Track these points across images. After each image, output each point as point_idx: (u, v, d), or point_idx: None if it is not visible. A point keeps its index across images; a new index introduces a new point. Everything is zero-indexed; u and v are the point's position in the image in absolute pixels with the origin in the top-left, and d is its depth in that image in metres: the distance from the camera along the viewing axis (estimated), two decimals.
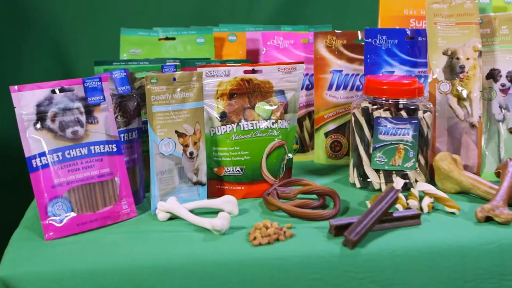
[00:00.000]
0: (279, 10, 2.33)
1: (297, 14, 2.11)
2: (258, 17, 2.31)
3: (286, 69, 1.16)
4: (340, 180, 1.25)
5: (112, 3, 2.11)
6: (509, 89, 1.25)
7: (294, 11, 2.13)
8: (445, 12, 1.24)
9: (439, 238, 0.99)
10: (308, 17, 2.09)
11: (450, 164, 1.17)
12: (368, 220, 0.98)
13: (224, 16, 2.31)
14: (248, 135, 1.14)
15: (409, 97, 1.16)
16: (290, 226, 1.02)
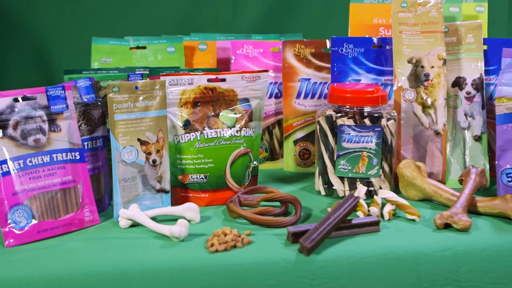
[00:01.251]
0: (262, 19, 2.35)
1: (280, 23, 2.13)
2: (242, 26, 2.33)
3: (250, 78, 1.17)
4: (306, 188, 1.26)
5: (99, 13, 2.13)
6: (474, 97, 1.26)
7: (277, 20, 2.14)
8: (410, 21, 1.26)
9: (396, 244, 1.00)
10: (291, 26, 2.10)
11: (414, 171, 1.18)
12: (324, 227, 0.99)
13: (207, 25, 2.33)
14: (212, 143, 1.15)
15: (372, 105, 1.17)
16: (249, 233, 1.03)
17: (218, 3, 2.30)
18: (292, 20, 2.14)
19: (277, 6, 2.19)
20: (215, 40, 1.40)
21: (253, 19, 2.34)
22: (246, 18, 2.32)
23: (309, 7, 2.13)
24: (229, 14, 2.35)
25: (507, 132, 1.18)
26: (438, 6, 1.25)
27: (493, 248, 1.01)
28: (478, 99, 1.26)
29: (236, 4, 2.33)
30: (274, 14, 2.19)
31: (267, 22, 2.19)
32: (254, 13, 2.33)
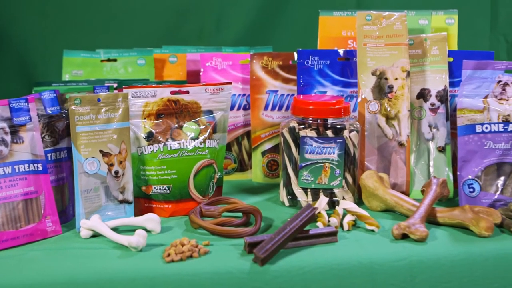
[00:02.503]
0: (246, 32, 2.37)
1: (264, 36, 2.15)
2: (226, 38, 2.35)
3: (214, 90, 1.19)
4: (272, 199, 1.27)
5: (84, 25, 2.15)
6: (438, 109, 1.27)
7: (261, 33, 2.16)
8: (375, 33, 1.27)
9: (352, 255, 1.01)
10: (274, 39, 2.12)
11: (376, 182, 1.19)
12: (279, 237, 1.00)
13: (191, 38, 2.35)
14: (175, 155, 1.16)
15: (334, 116, 1.18)
16: (207, 243, 1.04)
17: (203, 15, 2.32)
18: (276, 33, 2.16)
19: (261, 18, 2.21)
20: (185, 52, 1.41)
21: (238, 31, 2.36)
22: (231, 30, 2.34)
23: (294, 20, 2.15)
24: (213, 26, 2.37)
25: (468, 143, 1.19)
26: (403, 19, 1.27)
27: (448, 258, 1.02)
28: (443, 110, 1.27)
29: (221, 17, 2.35)
30: (259, 27, 2.21)
31: (252, 35, 2.21)
32: (238, 26, 2.35)
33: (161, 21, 2.30)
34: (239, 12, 2.37)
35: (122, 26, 2.27)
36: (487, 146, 1.19)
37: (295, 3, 2.29)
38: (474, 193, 1.18)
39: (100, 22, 2.24)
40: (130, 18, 2.27)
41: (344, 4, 2.24)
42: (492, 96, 1.20)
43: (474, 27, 2.18)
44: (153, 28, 2.30)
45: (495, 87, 1.20)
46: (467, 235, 1.09)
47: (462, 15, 2.22)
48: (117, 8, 2.25)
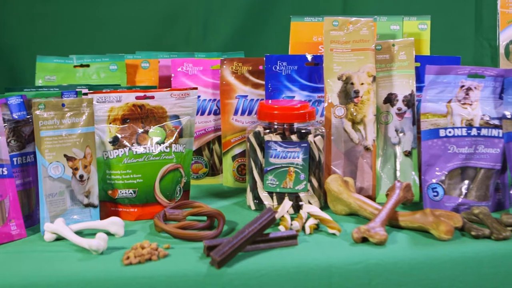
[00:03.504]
0: (233, 38, 2.39)
1: (250, 41, 2.16)
2: (213, 44, 2.37)
3: (179, 95, 1.20)
4: (239, 203, 1.28)
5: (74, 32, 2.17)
6: (405, 113, 1.28)
7: (248, 38, 2.18)
8: (341, 39, 1.28)
9: (310, 258, 1.02)
10: (261, 44, 2.14)
11: (340, 186, 1.20)
12: (237, 240, 1.01)
13: (179, 43, 2.37)
14: (140, 159, 1.17)
15: (299, 121, 1.19)
16: (168, 246, 1.05)
17: (189, 21, 2.34)
18: (263, 38, 2.18)
19: (248, 23, 2.22)
20: (158, 58, 1.43)
21: (224, 37, 2.38)
22: (217, 36, 2.36)
23: (281, 25, 2.15)
24: (200, 32, 2.39)
25: (432, 147, 1.20)
26: (369, 25, 1.28)
27: (405, 261, 1.03)
28: (409, 115, 1.28)
29: (207, 22, 2.37)
30: (246, 32, 2.22)
31: (239, 40, 2.22)
32: (225, 31, 2.36)
33: (149, 27, 2.32)
34: (226, 18, 2.38)
35: (111, 33, 2.29)
36: (450, 150, 1.20)
37: (282, 9, 2.30)
38: (438, 197, 1.19)
39: (89, 29, 2.26)
40: (118, 24, 2.29)
41: (330, 10, 2.26)
42: (455, 101, 1.21)
43: (459, 32, 2.19)
44: (140, 34, 2.32)
45: (459, 91, 1.21)
46: (427, 239, 1.09)
47: (447, 20, 2.24)
48: (105, 14, 2.27)
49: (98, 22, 2.26)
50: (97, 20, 2.26)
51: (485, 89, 1.21)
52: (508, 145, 1.19)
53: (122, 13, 2.28)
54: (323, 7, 2.42)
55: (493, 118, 1.21)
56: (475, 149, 1.20)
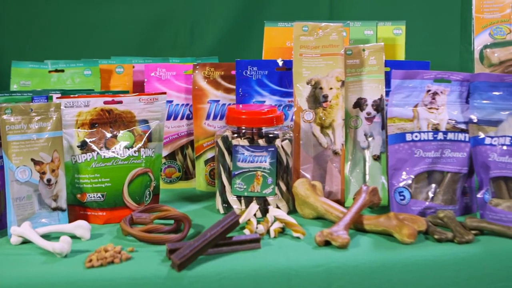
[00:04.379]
0: (221, 43, 2.40)
1: (237, 46, 2.18)
2: (200, 49, 2.38)
3: (148, 100, 1.21)
4: (209, 207, 1.29)
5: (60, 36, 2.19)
6: (374, 118, 1.29)
7: (235, 43, 2.19)
8: (311, 44, 1.29)
9: (271, 261, 1.03)
10: (249, 49, 2.15)
11: (307, 190, 1.21)
12: (198, 243, 1.02)
13: (166, 48, 2.38)
14: (109, 163, 1.18)
15: (266, 125, 1.20)
16: (132, 249, 1.06)
17: (177, 26, 2.35)
18: (251, 43, 2.19)
19: (235, 29, 2.24)
20: (132, 63, 1.44)
21: (211, 42, 2.39)
22: (204, 41, 2.37)
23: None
24: (187, 37, 2.40)
25: (398, 151, 1.21)
26: (339, 30, 1.29)
27: (366, 264, 1.03)
28: (378, 119, 1.29)
29: (194, 28, 2.38)
30: (233, 37, 2.24)
31: (226, 45, 2.24)
32: (212, 36, 2.38)
33: (136, 32, 2.34)
34: (213, 23, 2.39)
35: (100, 38, 2.31)
36: (417, 155, 1.21)
37: (269, 14, 2.31)
38: (405, 201, 1.20)
39: (79, 33, 2.28)
40: (106, 29, 2.31)
41: (317, 15, 2.28)
42: (422, 105, 1.22)
43: (445, 37, 2.20)
44: (127, 39, 2.34)
45: (425, 96, 1.22)
46: (391, 242, 1.10)
47: (434, 24, 2.25)
48: (93, 20, 2.28)
49: (86, 28, 2.27)
50: (84, 26, 2.28)
51: (451, 93, 1.22)
52: (475, 149, 1.20)
53: (109, 18, 2.29)
54: (310, 13, 2.43)
55: (459, 122, 1.22)
56: (442, 153, 1.21)
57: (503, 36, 1.55)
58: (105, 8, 2.30)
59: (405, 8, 2.38)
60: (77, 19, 2.25)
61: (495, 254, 1.08)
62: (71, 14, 2.25)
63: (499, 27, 1.55)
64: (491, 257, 1.07)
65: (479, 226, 1.13)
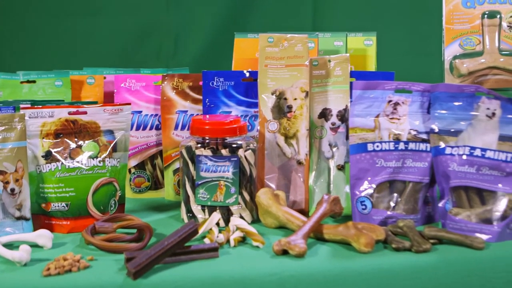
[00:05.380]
0: (204, 54, 2.42)
1: (221, 57, 2.19)
2: (184, 60, 2.40)
3: (113, 110, 1.23)
4: (175, 216, 1.30)
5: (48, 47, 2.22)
6: (339, 128, 1.30)
7: (219, 54, 2.21)
8: (276, 55, 1.31)
9: (227, 270, 1.04)
10: (232, 60, 2.17)
11: (270, 199, 1.22)
12: (154, 252, 1.03)
13: (150, 59, 2.40)
14: (73, 173, 1.20)
15: (230, 135, 1.22)
16: (91, 258, 1.08)
17: (160, 37, 2.37)
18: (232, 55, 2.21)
19: (219, 40, 2.26)
20: (103, 74, 1.46)
21: (195, 53, 2.41)
22: (188, 52, 2.39)
23: None
24: (171, 48, 2.42)
25: (360, 161, 1.22)
26: (304, 41, 1.30)
27: (321, 273, 1.05)
28: (343, 129, 1.30)
29: (178, 38, 2.40)
30: (217, 47, 2.26)
31: (210, 55, 2.26)
32: (196, 47, 2.40)
33: (120, 43, 2.36)
34: (197, 34, 2.42)
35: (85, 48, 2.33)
36: (378, 164, 1.22)
37: (253, 25, 2.34)
38: (366, 210, 1.21)
39: (62, 44, 2.30)
40: (89, 40, 2.33)
41: (300, 27, 2.30)
42: (383, 116, 1.23)
43: (428, 47, 2.22)
44: (111, 50, 2.36)
45: (386, 106, 1.23)
46: (349, 251, 1.11)
47: (416, 35, 2.27)
48: (78, 31, 2.31)
49: (70, 39, 2.30)
50: (69, 37, 2.30)
51: (412, 104, 1.23)
52: (436, 159, 1.21)
53: (93, 29, 2.32)
54: (293, 24, 2.46)
55: (421, 132, 1.23)
56: (403, 163, 1.22)
57: (473, 46, 1.57)
58: (90, 20, 2.32)
59: (389, 19, 2.40)
60: (61, 30, 2.28)
61: (452, 262, 1.09)
62: (56, 26, 2.28)
63: (469, 38, 1.57)
64: (447, 266, 1.08)
65: (437, 235, 1.14)
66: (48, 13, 2.26)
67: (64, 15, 2.29)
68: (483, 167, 1.17)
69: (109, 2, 2.34)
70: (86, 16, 2.31)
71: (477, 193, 1.19)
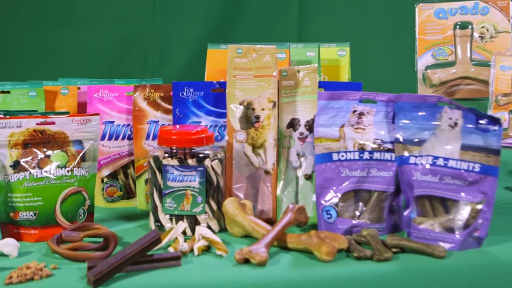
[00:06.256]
0: (190, 64, 2.44)
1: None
2: (169, 71, 2.42)
3: (81, 121, 1.25)
4: (144, 225, 1.32)
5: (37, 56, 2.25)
6: (306, 138, 1.31)
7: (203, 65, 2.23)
8: (245, 66, 1.32)
9: (188, 279, 1.05)
10: None
11: (236, 209, 1.23)
12: (115, 260, 1.05)
13: (135, 70, 2.42)
14: (41, 182, 1.21)
15: (196, 145, 1.23)
16: (55, 267, 1.09)
17: (146, 48, 2.40)
18: None
19: (204, 51, 2.28)
20: (77, 84, 1.48)
21: (181, 64, 2.43)
22: (174, 63, 2.42)
23: None
24: (156, 59, 2.45)
25: (325, 171, 1.23)
26: (273, 52, 1.32)
27: (281, 281, 1.06)
28: (311, 139, 1.31)
29: (164, 50, 2.43)
30: (202, 59, 2.28)
31: (195, 67, 2.28)
32: (181, 58, 2.42)
33: (105, 54, 2.39)
34: (183, 45, 2.44)
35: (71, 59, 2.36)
36: (343, 174, 1.23)
37: (238, 37, 2.36)
38: (332, 219, 1.22)
39: (47, 55, 2.33)
40: (76, 51, 2.36)
41: (285, 38, 2.32)
42: (348, 125, 1.24)
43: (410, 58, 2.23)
44: (97, 61, 2.39)
45: (351, 116, 1.24)
46: (311, 260, 1.12)
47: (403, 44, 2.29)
48: (63, 41, 2.34)
49: (55, 49, 2.33)
50: (55, 46, 2.33)
51: (377, 113, 1.25)
52: (400, 168, 1.23)
53: (80, 39, 2.35)
54: (278, 35, 2.48)
55: (386, 142, 1.24)
56: (368, 172, 1.23)
57: (445, 57, 1.59)
58: (76, 30, 2.35)
59: (372, 30, 2.43)
60: (46, 41, 2.31)
61: (412, 271, 1.10)
62: (42, 37, 2.30)
63: (442, 48, 1.59)
64: (408, 274, 1.09)
65: (399, 244, 1.15)
66: (33, 24, 2.28)
67: (49, 26, 2.32)
68: (445, 177, 1.18)
69: (95, 13, 2.37)
70: (73, 26, 2.34)
71: (441, 202, 1.20)
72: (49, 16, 2.32)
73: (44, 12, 2.32)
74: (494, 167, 1.16)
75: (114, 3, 2.38)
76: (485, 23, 1.55)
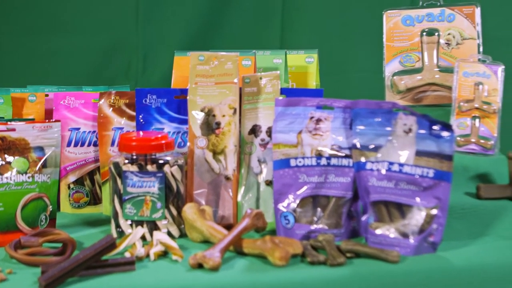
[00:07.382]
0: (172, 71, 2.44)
1: None
2: (153, 77, 2.43)
3: (42, 127, 1.26)
4: (107, 231, 1.32)
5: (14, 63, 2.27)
6: (267, 144, 1.33)
7: None
8: (207, 73, 1.33)
9: (140, 283, 1.07)
10: None
11: (195, 214, 1.24)
12: (68, 264, 1.06)
13: (118, 77, 2.43)
14: (1, 188, 1.23)
15: (156, 151, 1.25)
16: (10, 271, 1.10)
17: (129, 54, 2.41)
18: None
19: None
20: (44, 92, 1.49)
21: (165, 70, 2.44)
22: (157, 69, 2.42)
23: None
24: (140, 65, 2.46)
25: (283, 176, 1.24)
26: (234, 59, 1.33)
27: (234, 286, 1.07)
28: (272, 145, 1.33)
29: (147, 56, 2.44)
30: None
31: None
32: (165, 64, 2.43)
33: (88, 60, 2.40)
34: (166, 51, 2.45)
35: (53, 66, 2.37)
36: (301, 180, 1.24)
37: (221, 43, 2.37)
38: (289, 225, 1.23)
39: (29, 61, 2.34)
40: (58, 57, 2.37)
41: (268, 44, 2.33)
42: (306, 132, 1.25)
43: None
44: (80, 68, 2.40)
45: (309, 122, 1.25)
46: (265, 265, 1.13)
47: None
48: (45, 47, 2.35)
49: (38, 55, 2.34)
50: (35, 54, 2.34)
51: (335, 120, 1.26)
52: (358, 174, 1.24)
53: (62, 46, 2.36)
54: (260, 42, 2.49)
55: (343, 148, 1.25)
56: (326, 178, 1.24)
57: (413, 63, 1.60)
58: (58, 37, 2.36)
59: (356, 37, 2.43)
60: (28, 48, 2.32)
61: (365, 276, 1.11)
62: (23, 44, 2.32)
63: (409, 55, 1.60)
64: (361, 279, 1.10)
65: (353, 249, 1.16)
66: (14, 31, 2.30)
67: (32, 33, 2.33)
68: (401, 182, 1.19)
69: (77, 20, 2.38)
70: (55, 33, 2.35)
71: (397, 208, 1.21)
72: (31, 24, 2.34)
73: (27, 19, 2.33)
74: (448, 172, 1.17)
75: (97, 10, 2.39)
76: (451, 30, 1.56)
